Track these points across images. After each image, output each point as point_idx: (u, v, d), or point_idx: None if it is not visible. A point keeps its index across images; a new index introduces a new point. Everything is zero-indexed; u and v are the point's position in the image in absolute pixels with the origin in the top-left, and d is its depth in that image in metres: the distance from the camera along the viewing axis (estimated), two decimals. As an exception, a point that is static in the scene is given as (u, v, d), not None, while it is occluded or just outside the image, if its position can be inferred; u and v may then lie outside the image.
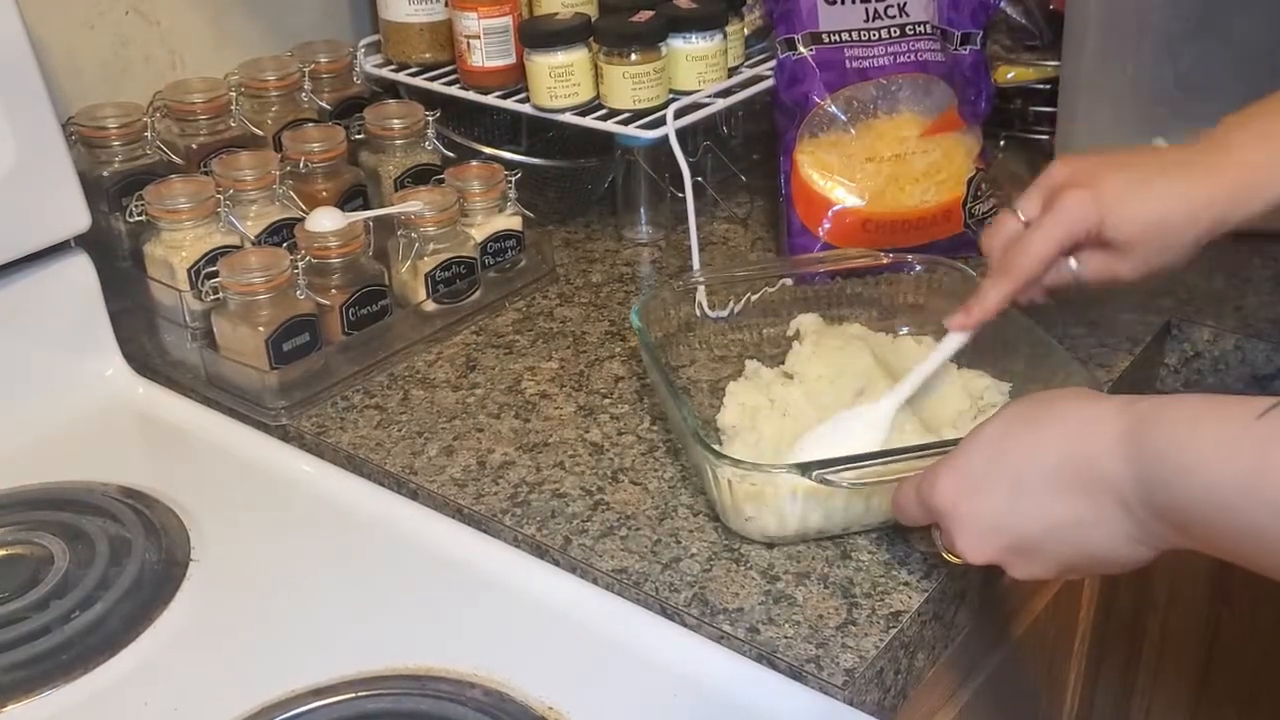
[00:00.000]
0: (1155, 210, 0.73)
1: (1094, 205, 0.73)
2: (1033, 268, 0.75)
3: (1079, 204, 0.74)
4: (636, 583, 0.72)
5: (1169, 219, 0.73)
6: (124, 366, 0.94)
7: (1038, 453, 0.59)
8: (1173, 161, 0.74)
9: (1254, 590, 1.02)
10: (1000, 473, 0.61)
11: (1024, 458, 0.60)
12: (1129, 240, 0.74)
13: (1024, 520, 0.60)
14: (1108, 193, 0.73)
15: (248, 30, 1.13)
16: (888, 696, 0.69)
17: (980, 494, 0.61)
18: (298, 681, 0.66)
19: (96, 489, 0.82)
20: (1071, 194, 0.74)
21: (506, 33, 1.03)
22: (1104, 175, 0.74)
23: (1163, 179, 0.73)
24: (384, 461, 0.84)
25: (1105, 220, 0.73)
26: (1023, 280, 0.76)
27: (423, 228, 0.95)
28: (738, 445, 0.78)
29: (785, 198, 1.03)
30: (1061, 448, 0.58)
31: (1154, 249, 0.74)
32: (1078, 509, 0.58)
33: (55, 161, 0.89)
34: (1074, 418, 0.59)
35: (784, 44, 1.01)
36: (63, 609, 0.71)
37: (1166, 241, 0.73)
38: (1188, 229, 0.73)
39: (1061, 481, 0.58)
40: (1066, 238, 0.74)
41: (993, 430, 0.62)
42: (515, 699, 0.65)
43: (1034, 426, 0.60)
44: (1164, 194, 0.73)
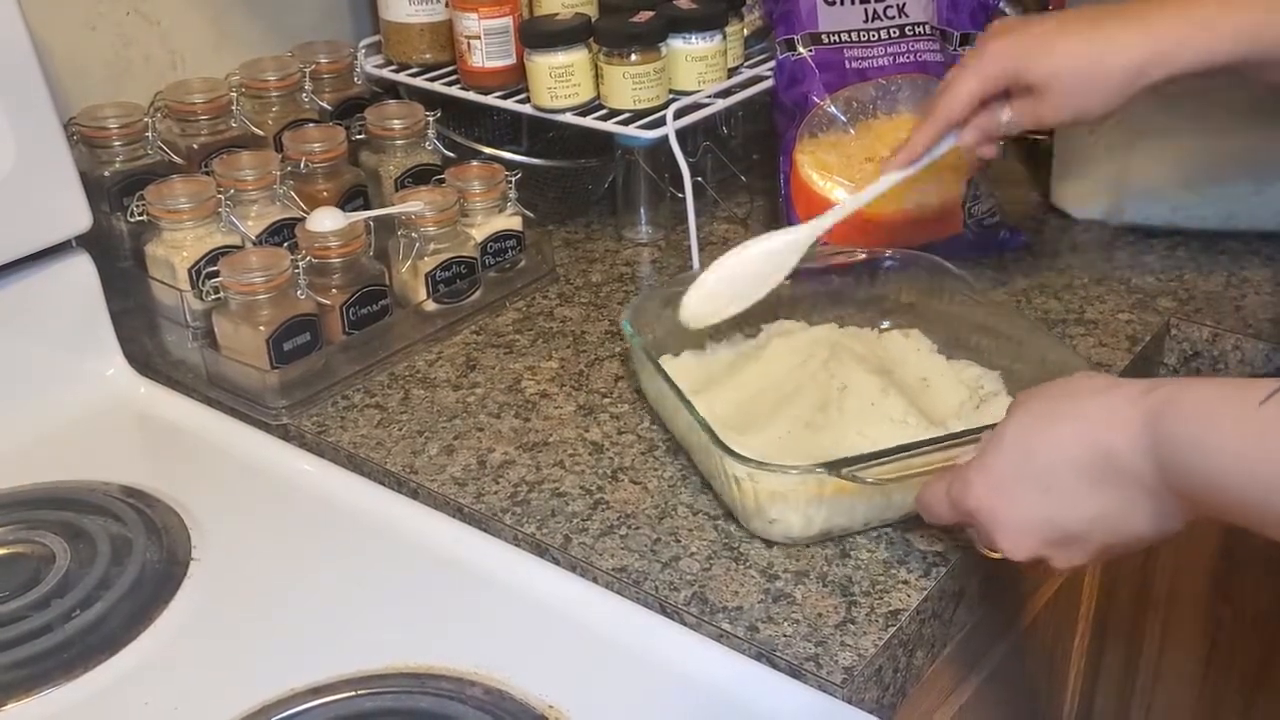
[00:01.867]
0: (1068, 52, 0.78)
1: (1011, 50, 0.79)
2: (953, 109, 0.81)
3: (998, 48, 0.80)
4: (636, 581, 0.72)
5: (1080, 63, 0.77)
6: (125, 366, 0.94)
7: (1062, 448, 0.60)
8: (1103, 11, 0.78)
9: (1254, 589, 1.02)
10: (1029, 472, 0.61)
11: (1050, 455, 0.61)
12: (1042, 82, 0.78)
13: (1061, 516, 0.61)
14: (1028, 39, 0.79)
15: (248, 30, 1.13)
16: (887, 695, 0.69)
17: (1013, 495, 0.62)
18: (298, 680, 0.66)
19: (98, 488, 0.82)
20: (994, 40, 0.80)
21: (507, 33, 1.03)
22: (1029, 25, 0.81)
23: (1080, 25, 0.78)
24: (385, 461, 0.84)
25: (1018, 62, 0.79)
26: (946, 120, 0.82)
27: (423, 228, 0.95)
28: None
29: (785, 198, 1.03)
30: (1084, 443, 0.59)
31: (1070, 92, 0.78)
32: (1109, 500, 0.59)
33: (56, 161, 0.89)
34: (1092, 411, 0.60)
35: (783, 44, 1.01)
36: (64, 608, 0.71)
37: (1081, 84, 0.78)
38: (1103, 73, 0.77)
39: (1090, 476, 0.59)
40: (985, 81, 0.80)
41: (1014, 429, 0.63)
42: (515, 697, 0.65)
43: (1053, 422, 0.61)
44: (1077, 37, 0.78)
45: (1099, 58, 0.77)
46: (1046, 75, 0.78)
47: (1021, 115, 0.81)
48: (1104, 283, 1.00)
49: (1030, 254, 1.05)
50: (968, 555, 0.73)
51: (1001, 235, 1.05)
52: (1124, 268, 1.03)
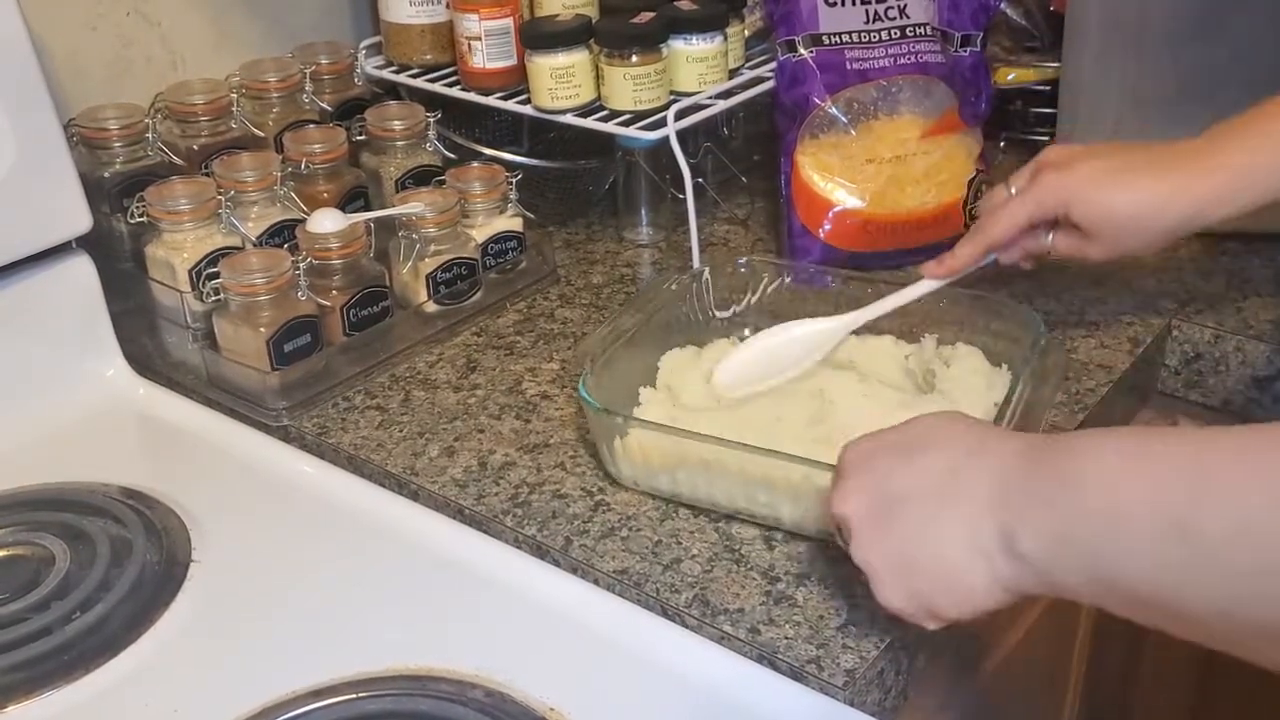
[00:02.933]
0: (1121, 200, 0.78)
1: (1064, 188, 0.80)
2: (1001, 234, 0.83)
3: (1052, 185, 0.81)
4: (637, 583, 0.72)
5: (1134, 210, 0.78)
6: (125, 367, 0.94)
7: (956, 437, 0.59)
8: (1155, 156, 0.79)
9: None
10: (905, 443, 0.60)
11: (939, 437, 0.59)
12: (1093, 226, 0.80)
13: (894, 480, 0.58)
14: (1079, 179, 0.80)
15: (249, 31, 1.13)
16: (888, 697, 0.69)
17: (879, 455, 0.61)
18: (299, 682, 0.66)
19: (98, 490, 0.82)
20: (1047, 175, 0.81)
21: (508, 34, 1.03)
22: (1082, 162, 0.80)
23: (1135, 172, 0.79)
24: (385, 462, 0.84)
25: (1071, 204, 0.80)
26: (991, 243, 0.83)
27: (424, 229, 0.95)
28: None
29: (786, 199, 1.03)
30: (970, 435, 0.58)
31: (1119, 237, 0.79)
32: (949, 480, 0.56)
33: (56, 163, 0.89)
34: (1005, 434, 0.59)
35: (784, 45, 1.01)
36: (64, 610, 0.71)
37: (1131, 231, 0.79)
38: (1153, 222, 0.78)
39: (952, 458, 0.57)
40: (1037, 212, 0.81)
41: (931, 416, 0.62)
42: (516, 699, 0.65)
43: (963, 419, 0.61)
44: (1133, 186, 0.78)
45: (1153, 208, 0.78)
46: (1098, 220, 0.79)
47: (1066, 248, 0.82)
48: (1105, 284, 1.00)
49: (1031, 255, 1.05)
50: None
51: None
52: (1125, 269, 1.03)
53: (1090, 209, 0.79)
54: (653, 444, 0.75)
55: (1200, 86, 1.01)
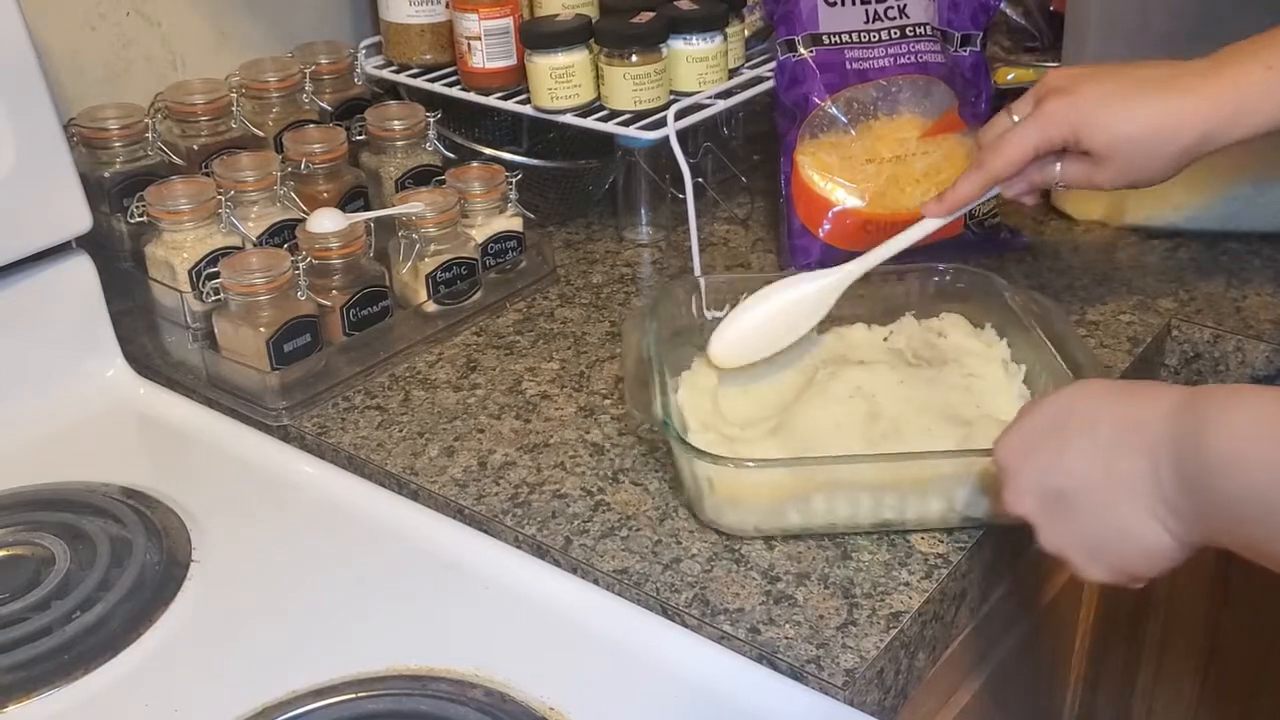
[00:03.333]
0: (1130, 123, 0.75)
1: (1071, 112, 0.77)
2: (1006, 166, 0.79)
3: (1056, 110, 0.77)
4: (637, 583, 0.72)
5: (1144, 133, 0.75)
6: (125, 367, 0.94)
7: (1099, 414, 0.59)
8: (1163, 75, 0.76)
9: (1254, 591, 1.02)
10: (1058, 430, 0.61)
11: (1084, 418, 0.60)
12: (1103, 150, 0.76)
13: (1064, 473, 0.60)
14: (1087, 102, 0.76)
15: (249, 31, 1.13)
16: (888, 697, 0.69)
17: (1034, 450, 0.62)
18: (299, 682, 0.66)
19: (97, 490, 0.82)
20: (1052, 100, 0.78)
21: (507, 34, 1.03)
22: (1088, 84, 0.77)
23: (1144, 93, 0.75)
24: (385, 462, 0.84)
25: (1079, 129, 0.76)
26: (995, 176, 0.80)
27: (423, 229, 0.95)
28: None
29: (786, 199, 1.03)
30: (1121, 413, 0.59)
31: (1131, 161, 0.76)
32: (1113, 466, 0.57)
33: (56, 162, 0.89)
34: (1144, 392, 0.59)
35: (784, 45, 1.01)
36: (64, 610, 0.71)
37: (1143, 154, 0.76)
38: (1165, 144, 0.75)
39: (1109, 440, 0.58)
40: (1042, 141, 0.78)
41: (1064, 395, 0.63)
42: (516, 699, 0.65)
43: (1105, 394, 0.61)
44: (1142, 108, 0.75)
45: (1164, 129, 0.74)
46: (1108, 144, 0.76)
47: (1075, 176, 0.79)
48: (1105, 284, 1.00)
49: (1031, 255, 1.05)
50: (970, 557, 0.73)
51: (1003, 236, 1.05)
52: (1125, 269, 1.03)
53: (1100, 133, 0.75)
54: (779, 480, 0.72)
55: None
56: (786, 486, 0.72)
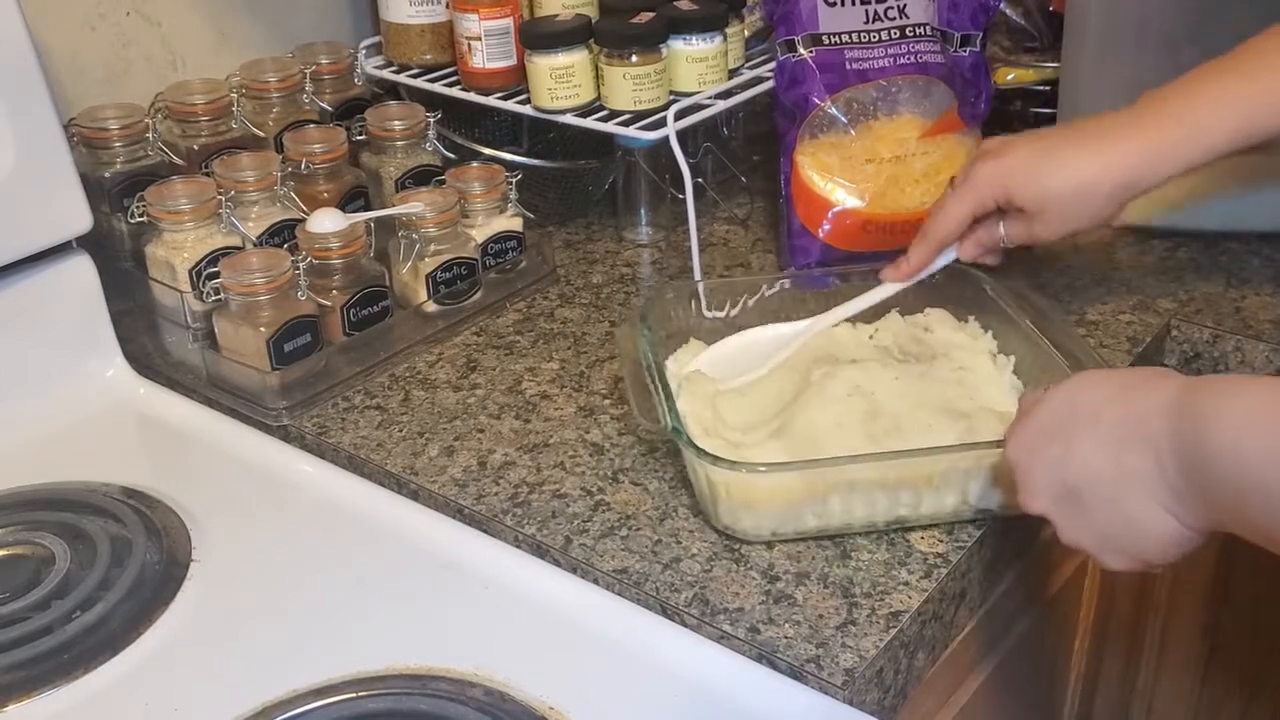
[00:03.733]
0: (1058, 177, 0.80)
1: (1000, 174, 0.82)
2: (945, 231, 0.84)
3: (986, 173, 0.82)
4: (637, 583, 0.72)
5: (1072, 184, 0.80)
6: (125, 367, 0.94)
7: (1100, 410, 0.61)
8: (1087, 130, 0.81)
9: (1254, 590, 1.02)
10: (1063, 427, 0.63)
11: (1087, 414, 0.62)
12: (1034, 205, 0.81)
13: (1075, 471, 0.61)
14: (1016, 162, 0.82)
15: (249, 31, 1.13)
16: (888, 696, 0.69)
17: (1043, 447, 0.64)
18: (299, 681, 0.66)
19: (98, 489, 0.82)
20: (981, 164, 0.83)
21: (507, 34, 1.03)
22: (1016, 146, 0.82)
23: (1068, 148, 0.81)
24: (385, 462, 0.84)
25: (1009, 188, 0.81)
26: (938, 241, 0.85)
27: (424, 229, 0.95)
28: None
29: (785, 199, 1.03)
30: (1121, 408, 0.60)
31: (1063, 212, 0.81)
32: (1120, 462, 0.59)
33: (57, 162, 0.89)
34: (1142, 385, 0.60)
35: (784, 45, 1.01)
36: (64, 609, 0.71)
37: (1072, 205, 0.81)
38: (1090, 194, 0.80)
39: (1112, 436, 0.60)
40: (976, 204, 0.83)
41: (1065, 391, 0.64)
42: (516, 699, 0.65)
43: (1104, 388, 0.63)
44: (1067, 162, 0.80)
45: (1087, 180, 0.80)
46: (1036, 199, 0.81)
47: (1016, 232, 0.84)
48: (1104, 284, 1.00)
49: (1031, 254, 1.05)
50: (969, 556, 0.73)
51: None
52: (1124, 269, 1.03)
53: (1028, 190, 0.81)
54: (796, 483, 0.72)
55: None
56: (803, 489, 0.72)
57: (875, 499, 0.73)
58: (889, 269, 0.87)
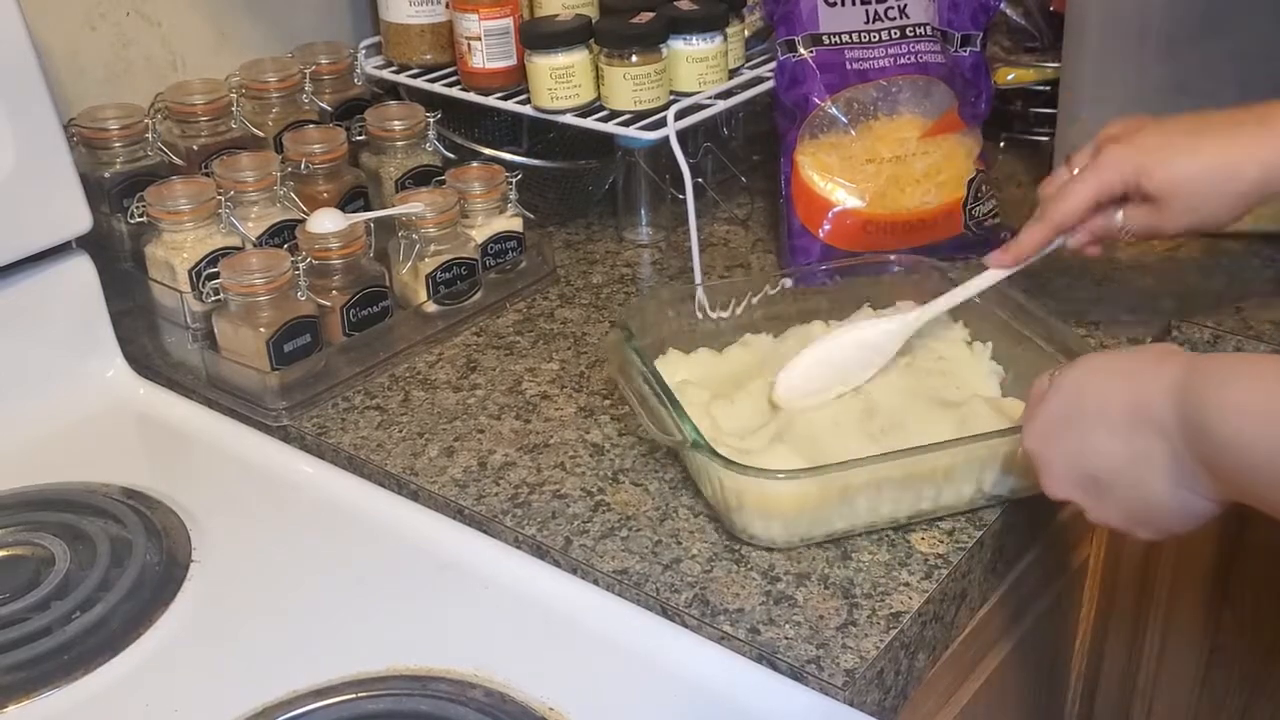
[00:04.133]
0: (1191, 164, 0.76)
1: (1131, 159, 0.77)
2: (1068, 215, 0.80)
3: (1116, 157, 0.78)
4: (637, 583, 0.72)
5: (1204, 173, 0.76)
6: (125, 367, 0.94)
7: (1108, 399, 0.63)
8: (1221, 121, 0.77)
9: (1254, 590, 1.02)
10: (1074, 418, 0.65)
11: (1096, 404, 0.64)
12: (1166, 193, 0.77)
13: (1093, 460, 0.64)
14: (1147, 147, 0.78)
15: (249, 32, 1.13)
16: (888, 697, 0.69)
17: (1057, 438, 0.66)
18: (299, 682, 0.66)
19: (97, 490, 0.82)
20: (1111, 148, 0.79)
21: (507, 34, 1.03)
22: (1148, 132, 0.78)
23: (1204, 137, 0.76)
24: (385, 462, 0.84)
25: (1141, 173, 0.77)
26: (1057, 226, 0.81)
27: (423, 229, 0.95)
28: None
29: (785, 199, 1.03)
30: (1126, 395, 0.62)
31: (1193, 202, 0.77)
32: (1134, 448, 0.61)
33: (56, 163, 0.89)
34: (1143, 367, 0.63)
35: (784, 45, 1.01)
36: (64, 610, 0.71)
37: (1205, 194, 0.76)
38: (1226, 183, 0.76)
39: (1123, 424, 0.62)
40: (1103, 188, 0.79)
41: (1072, 378, 0.66)
42: (516, 699, 0.65)
43: (1108, 376, 0.65)
44: (1203, 150, 0.76)
45: (1224, 169, 0.75)
46: (1170, 186, 0.76)
47: (1139, 221, 0.79)
48: (1105, 284, 1.00)
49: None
50: (970, 557, 0.73)
51: (1003, 236, 1.05)
52: (1124, 269, 1.03)
53: (1161, 175, 0.76)
54: (825, 486, 0.71)
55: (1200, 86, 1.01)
56: (834, 491, 0.72)
57: (900, 495, 0.73)
58: (996, 254, 0.83)
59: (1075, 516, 0.91)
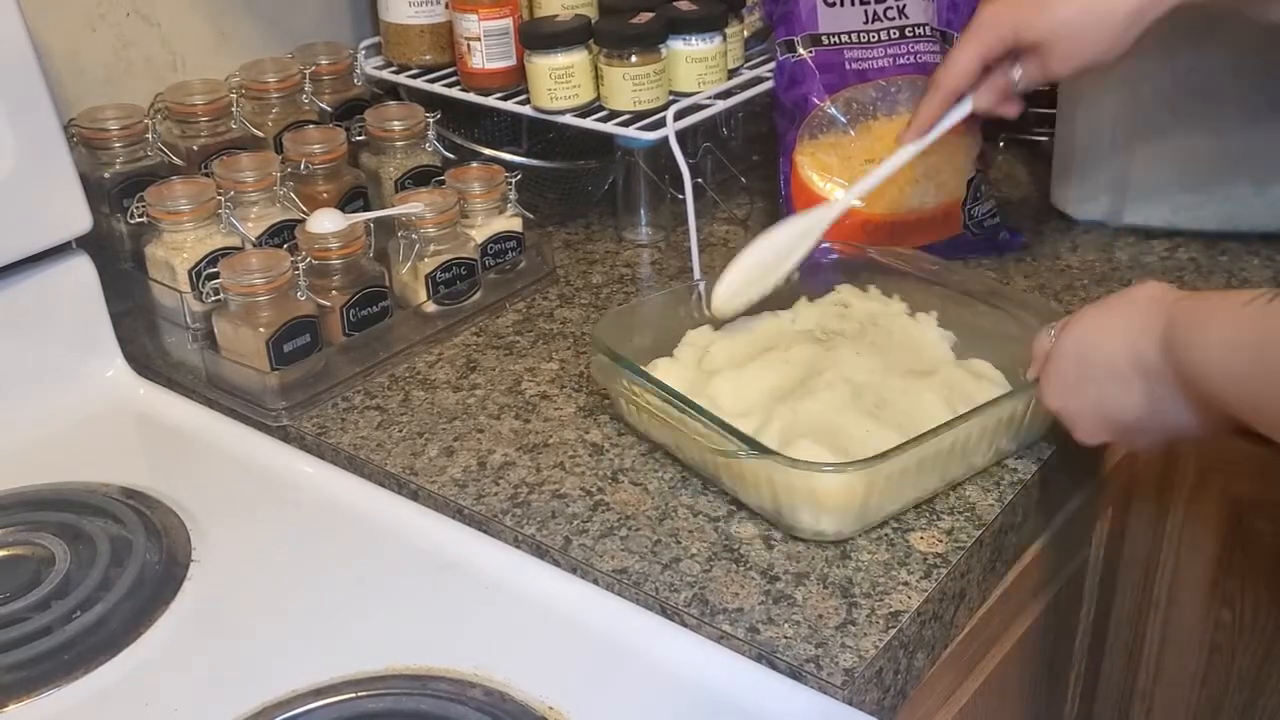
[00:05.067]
0: (1069, 7, 0.79)
1: (1008, 14, 0.81)
2: (954, 78, 0.85)
3: (992, 15, 0.82)
4: (636, 583, 0.72)
5: (1082, 14, 0.79)
6: (125, 367, 0.94)
7: (1108, 351, 0.69)
8: None
9: (1254, 590, 1.02)
10: (1087, 373, 0.70)
11: (1100, 356, 0.69)
12: (1047, 39, 0.80)
13: (1116, 409, 0.69)
14: (1022, 1, 0.81)
15: (249, 32, 1.14)
16: (887, 696, 0.69)
17: (1079, 392, 0.71)
18: (299, 681, 0.66)
19: (97, 490, 0.82)
20: (987, 7, 0.83)
21: (507, 34, 1.03)
22: None
23: None
24: (384, 462, 0.84)
25: (1020, 26, 0.81)
26: (949, 89, 0.85)
27: (423, 229, 0.95)
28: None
29: (785, 199, 1.03)
30: (1126, 350, 0.67)
31: (1076, 41, 0.80)
32: (1147, 395, 0.67)
33: (56, 163, 0.89)
34: (1134, 318, 0.67)
35: (783, 46, 1.01)
36: (64, 609, 0.71)
37: (1086, 32, 0.79)
38: (1104, 18, 0.79)
39: (1130, 374, 0.67)
40: (983, 46, 0.83)
41: (1074, 338, 0.71)
42: (516, 699, 0.65)
43: (1102, 331, 0.69)
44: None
45: (1101, 6, 0.78)
46: (1048, 30, 0.80)
47: (1031, 72, 0.83)
48: (1104, 284, 1.00)
49: (1030, 255, 1.05)
50: (969, 557, 0.73)
51: (1001, 236, 1.05)
52: (1124, 269, 1.03)
53: (1037, 21, 0.80)
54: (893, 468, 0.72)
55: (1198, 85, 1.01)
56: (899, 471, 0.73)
57: (949, 463, 0.76)
58: (905, 132, 0.87)
59: (1075, 516, 0.91)
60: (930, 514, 0.76)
